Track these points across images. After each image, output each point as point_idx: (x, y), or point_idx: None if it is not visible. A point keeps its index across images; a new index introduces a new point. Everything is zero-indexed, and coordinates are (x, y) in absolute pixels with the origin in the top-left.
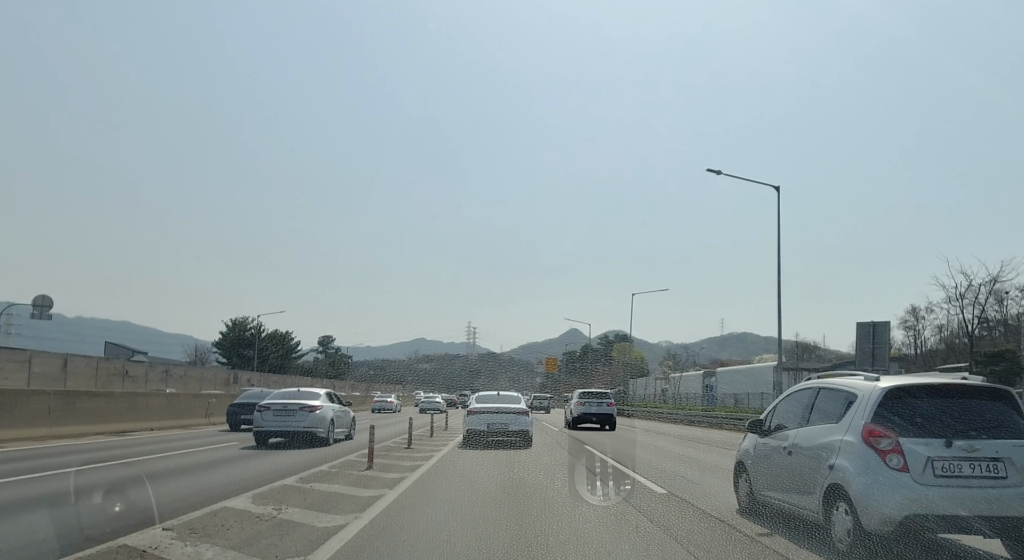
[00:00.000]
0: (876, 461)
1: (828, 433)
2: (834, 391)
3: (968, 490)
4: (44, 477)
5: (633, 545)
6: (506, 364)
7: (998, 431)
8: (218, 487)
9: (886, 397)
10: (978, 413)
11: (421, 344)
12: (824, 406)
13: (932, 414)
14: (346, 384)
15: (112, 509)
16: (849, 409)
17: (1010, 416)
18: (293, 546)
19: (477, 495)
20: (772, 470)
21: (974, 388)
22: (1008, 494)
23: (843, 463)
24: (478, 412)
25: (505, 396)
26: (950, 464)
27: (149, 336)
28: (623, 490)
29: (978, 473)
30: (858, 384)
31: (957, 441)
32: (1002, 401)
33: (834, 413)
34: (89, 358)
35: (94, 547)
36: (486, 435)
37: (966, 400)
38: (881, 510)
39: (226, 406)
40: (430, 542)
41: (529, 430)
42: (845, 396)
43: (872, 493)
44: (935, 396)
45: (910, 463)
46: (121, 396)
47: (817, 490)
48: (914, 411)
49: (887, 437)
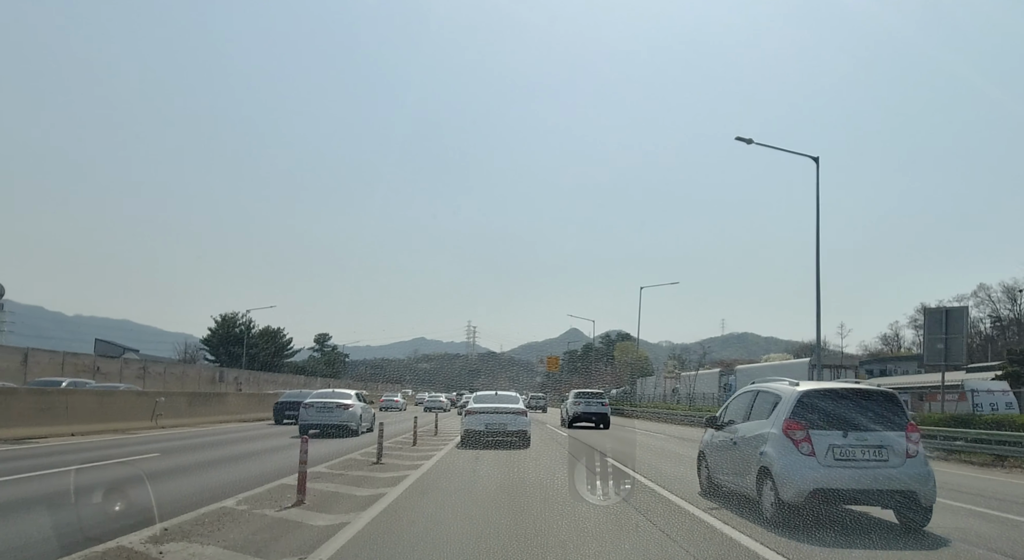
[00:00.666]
0: (792, 448)
1: (761, 427)
2: (767, 393)
3: (859, 470)
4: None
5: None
6: (506, 364)
7: (883, 424)
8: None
9: (801, 399)
10: (869, 410)
11: (421, 343)
12: (760, 406)
13: (834, 411)
14: (342, 383)
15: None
16: (775, 408)
17: (893, 413)
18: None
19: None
20: (723, 458)
21: (867, 391)
22: (889, 473)
23: (769, 450)
24: (476, 412)
25: (503, 396)
26: (846, 450)
27: (149, 334)
28: (623, 489)
29: (867, 457)
30: (783, 388)
31: (852, 432)
32: (888, 401)
33: (766, 411)
34: (54, 353)
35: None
36: (484, 435)
37: (860, 400)
38: (795, 485)
39: (183, 404)
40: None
41: (527, 430)
42: (774, 398)
43: (788, 473)
44: (838, 398)
45: (817, 449)
46: (27, 394)
47: (752, 472)
48: (821, 409)
49: (800, 429)
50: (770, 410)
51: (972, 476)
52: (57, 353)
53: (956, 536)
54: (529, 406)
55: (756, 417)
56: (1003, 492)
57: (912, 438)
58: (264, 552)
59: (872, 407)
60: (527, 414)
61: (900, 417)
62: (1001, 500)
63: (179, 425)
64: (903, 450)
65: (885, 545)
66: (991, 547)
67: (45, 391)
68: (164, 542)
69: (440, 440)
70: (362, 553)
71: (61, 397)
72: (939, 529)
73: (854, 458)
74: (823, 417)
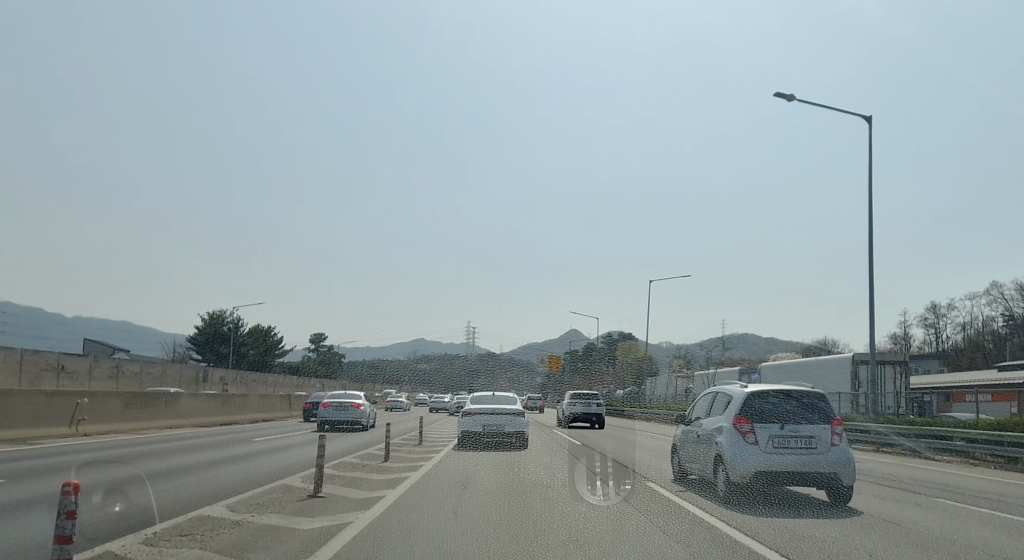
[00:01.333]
0: (739, 438)
1: (717, 422)
2: (723, 394)
3: (793, 456)
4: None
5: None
6: (506, 364)
7: (812, 418)
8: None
9: (748, 398)
10: (802, 407)
11: (421, 344)
12: (717, 404)
13: (775, 408)
14: (338, 384)
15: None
16: (728, 406)
17: (822, 409)
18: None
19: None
20: (690, 449)
21: (801, 392)
22: (817, 459)
23: (722, 440)
24: (473, 413)
25: (501, 397)
26: (782, 440)
27: (148, 335)
28: (622, 488)
29: (799, 446)
30: (735, 390)
31: (787, 425)
32: (817, 399)
33: (721, 409)
34: (11, 350)
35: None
36: (482, 437)
37: (795, 399)
38: (741, 469)
39: (117, 406)
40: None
41: (525, 431)
42: (727, 397)
43: (736, 458)
44: (778, 397)
45: (759, 439)
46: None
47: (710, 459)
48: (764, 406)
49: (747, 423)
50: (724, 407)
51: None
52: (14, 350)
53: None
54: (526, 407)
55: (714, 414)
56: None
57: (836, 430)
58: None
59: (805, 405)
60: (525, 415)
61: (827, 413)
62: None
63: (109, 432)
64: (828, 440)
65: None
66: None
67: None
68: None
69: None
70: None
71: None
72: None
73: (789, 446)
74: (765, 413)
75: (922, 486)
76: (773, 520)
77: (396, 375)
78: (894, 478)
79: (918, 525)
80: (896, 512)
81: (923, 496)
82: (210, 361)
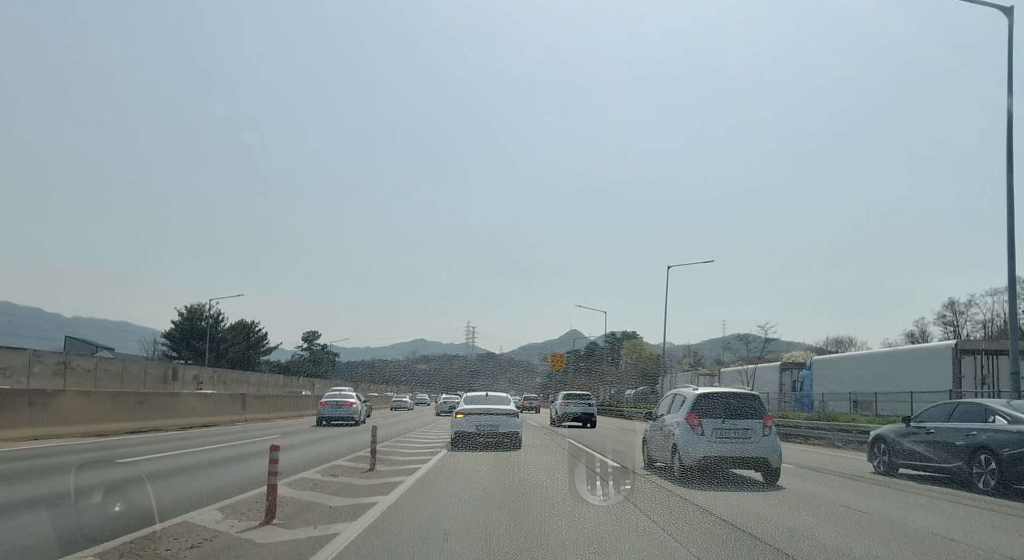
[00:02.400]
0: (690, 430)
1: (675, 418)
2: (680, 396)
3: (732, 444)
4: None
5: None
6: (506, 365)
7: (748, 414)
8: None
9: (698, 398)
10: (740, 405)
11: (421, 345)
12: (676, 403)
13: (718, 406)
14: (330, 383)
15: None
16: (683, 405)
17: (756, 406)
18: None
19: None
20: (655, 442)
21: (740, 393)
22: (751, 446)
23: (678, 432)
24: (467, 413)
25: (494, 397)
26: (723, 431)
27: (147, 335)
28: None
29: (737, 436)
30: (689, 392)
31: (728, 419)
32: (753, 399)
33: (679, 407)
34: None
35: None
36: (475, 437)
37: (736, 398)
38: (691, 455)
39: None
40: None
41: (519, 432)
42: (683, 398)
43: (687, 447)
44: (721, 397)
45: (705, 431)
46: None
47: (669, 448)
48: (710, 404)
49: (696, 418)
50: (680, 406)
51: None
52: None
53: (792, 487)
54: (523, 407)
55: (673, 411)
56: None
57: (767, 424)
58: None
59: (743, 402)
60: (519, 415)
61: (760, 410)
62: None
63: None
64: (761, 431)
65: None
66: (811, 492)
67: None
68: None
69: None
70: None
71: None
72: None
73: (729, 437)
74: (711, 409)
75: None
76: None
77: (394, 375)
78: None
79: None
80: (816, 489)
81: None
82: (186, 358)
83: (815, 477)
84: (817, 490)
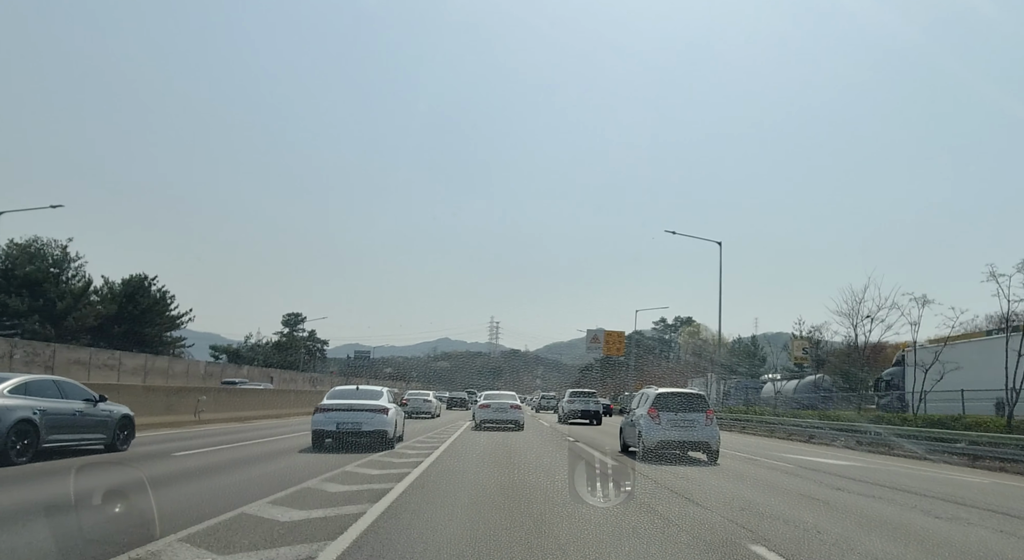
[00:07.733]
0: (650, 421)
1: (640, 412)
2: (645, 394)
3: (682, 431)
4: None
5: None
6: (531, 362)
7: (694, 409)
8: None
9: (657, 396)
10: (690, 402)
11: (444, 343)
12: (642, 400)
13: (673, 402)
14: (307, 378)
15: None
16: (647, 401)
17: (701, 403)
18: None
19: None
20: (627, 432)
21: (689, 393)
22: (696, 433)
23: (641, 422)
24: (485, 406)
25: (505, 394)
26: (676, 421)
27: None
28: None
29: (685, 425)
30: (651, 391)
31: (679, 412)
32: (699, 397)
33: (644, 403)
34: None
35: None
36: (491, 421)
37: (687, 396)
38: (651, 440)
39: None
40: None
41: (521, 419)
42: (648, 396)
43: (647, 434)
44: (676, 396)
45: (662, 421)
46: None
47: (635, 435)
48: (667, 400)
49: (655, 412)
50: (645, 402)
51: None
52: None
53: (726, 465)
54: (540, 406)
55: (640, 407)
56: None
57: (709, 417)
58: None
59: (692, 400)
60: (521, 408)
61: (704, 406)
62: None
63: None
64: (704, 422)
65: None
66: (737, 470)
67: None
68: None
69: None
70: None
71: None
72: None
73: (680, 425)
74: (667, 404)
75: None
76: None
77: (408, 372)
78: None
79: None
80: (741, 467)
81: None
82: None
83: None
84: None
